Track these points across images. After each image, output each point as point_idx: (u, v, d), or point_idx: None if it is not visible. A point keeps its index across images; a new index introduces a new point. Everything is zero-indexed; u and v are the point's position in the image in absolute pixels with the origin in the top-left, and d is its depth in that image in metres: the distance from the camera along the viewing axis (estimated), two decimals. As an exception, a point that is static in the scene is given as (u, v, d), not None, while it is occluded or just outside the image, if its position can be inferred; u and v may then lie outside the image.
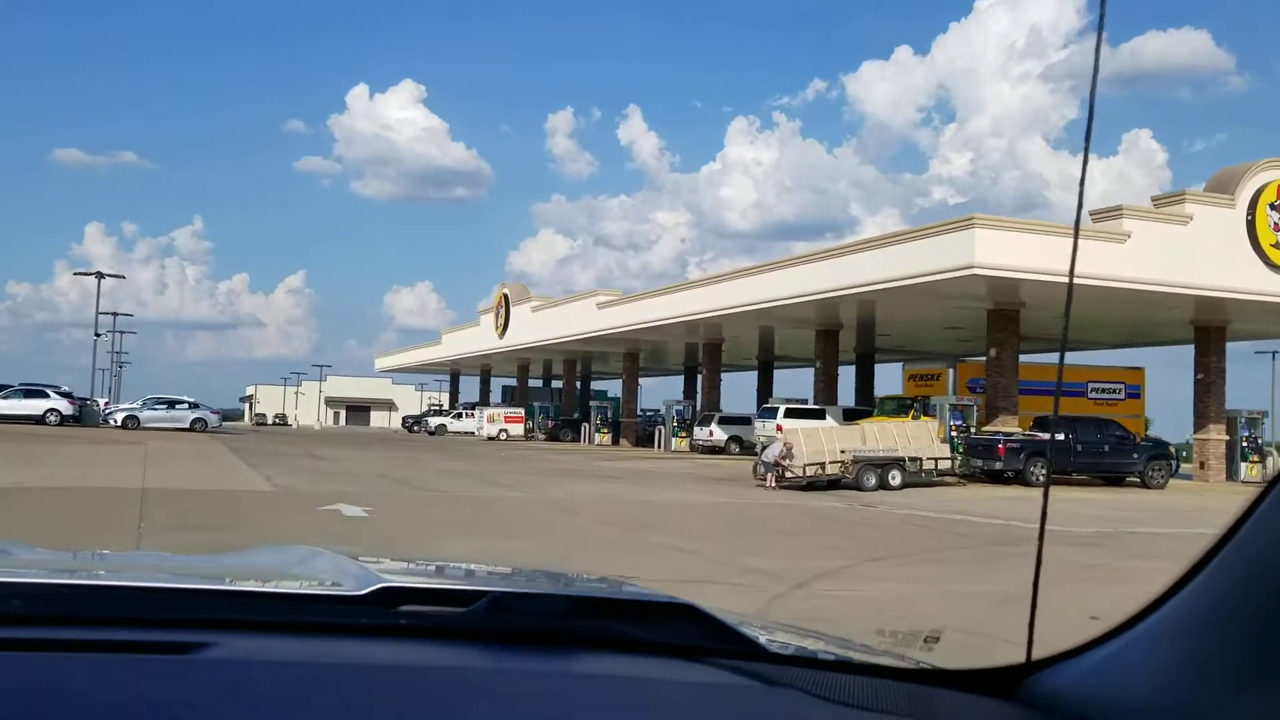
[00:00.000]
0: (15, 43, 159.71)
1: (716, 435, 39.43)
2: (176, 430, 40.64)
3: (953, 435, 25.69)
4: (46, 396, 40.80)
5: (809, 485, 21.34)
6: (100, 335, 62.32)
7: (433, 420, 65.61)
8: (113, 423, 41.68)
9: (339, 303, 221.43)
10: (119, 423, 41.46)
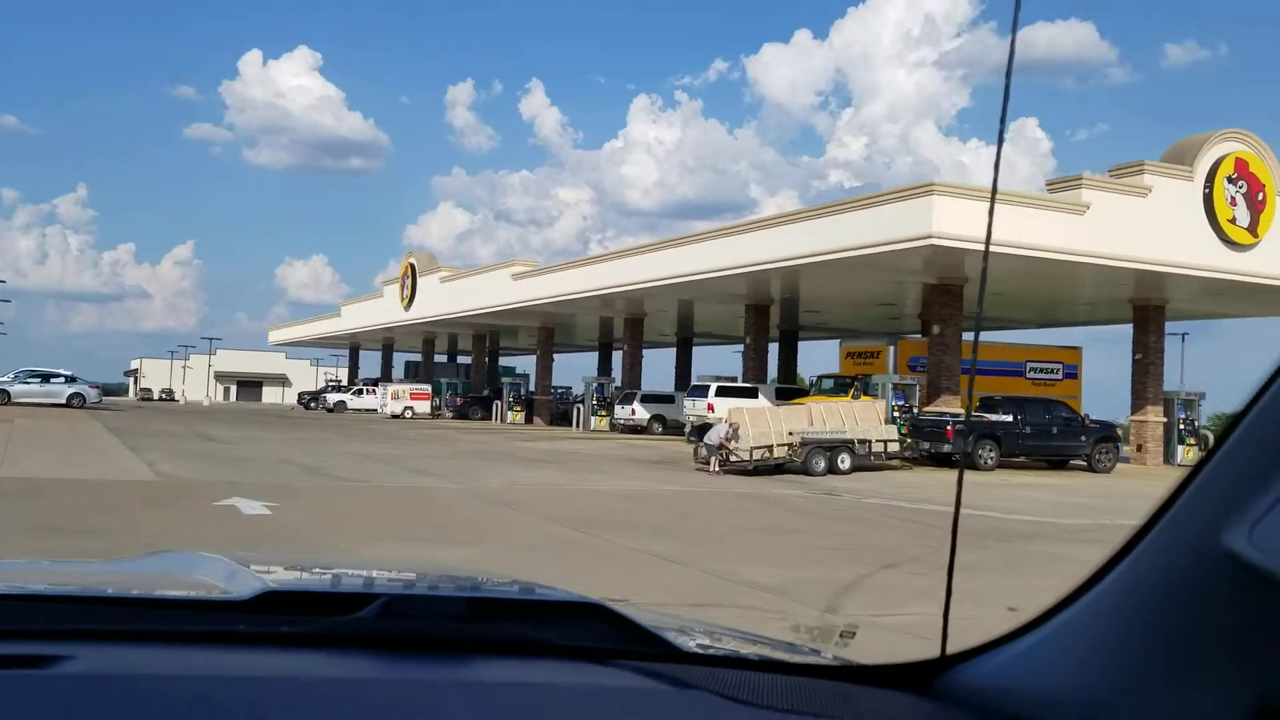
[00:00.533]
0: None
1: (639, 414, 37.72)
2: (51, 406, 38.25)
3: (895, 416, 24.38)
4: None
5: (754, 470, 19.88)
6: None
7: (331, 397, 62.10)
8: (-23, 398, 38.59)
9: (229, 275, 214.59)
10: (-15, 398, 38.46)
